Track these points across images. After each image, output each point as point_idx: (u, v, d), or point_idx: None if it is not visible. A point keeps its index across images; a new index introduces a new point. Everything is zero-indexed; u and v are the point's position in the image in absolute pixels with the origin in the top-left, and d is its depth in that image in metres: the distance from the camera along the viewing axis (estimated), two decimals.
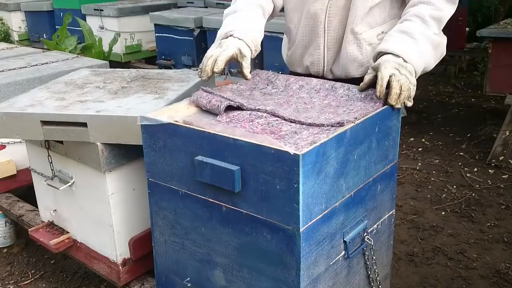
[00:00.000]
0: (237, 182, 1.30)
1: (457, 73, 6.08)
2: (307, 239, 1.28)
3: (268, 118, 1.43)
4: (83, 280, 2.47)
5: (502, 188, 3.30)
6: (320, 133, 1.32)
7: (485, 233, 2.79)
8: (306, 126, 1.38)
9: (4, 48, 3.31)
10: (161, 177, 1.51)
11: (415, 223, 2.93)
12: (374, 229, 1.58)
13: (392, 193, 1.65)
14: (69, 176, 1.90)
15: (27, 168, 2.27)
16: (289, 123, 1.41)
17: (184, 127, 1.40)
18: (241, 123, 1.41)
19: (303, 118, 1.42)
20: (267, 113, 1.45)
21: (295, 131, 1.35)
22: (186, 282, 1.57)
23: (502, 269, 2.48)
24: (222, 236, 1.42)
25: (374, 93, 1.50)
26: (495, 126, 4.20)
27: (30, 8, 6.69)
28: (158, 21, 5.17)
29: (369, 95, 1.55)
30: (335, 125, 1.36)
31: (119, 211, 1.82)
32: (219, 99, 1.52)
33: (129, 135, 1.64)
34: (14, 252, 2.72)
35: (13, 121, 1.76)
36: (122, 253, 1.88)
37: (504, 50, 4.06)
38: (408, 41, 1.56)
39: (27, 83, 2.48)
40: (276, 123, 1.41)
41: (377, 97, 1.48)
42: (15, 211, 2.50)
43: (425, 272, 2.49)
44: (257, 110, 1.47)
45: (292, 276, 1.30)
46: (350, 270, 1.51)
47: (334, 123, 1.36)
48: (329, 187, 1.31)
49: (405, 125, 4.23)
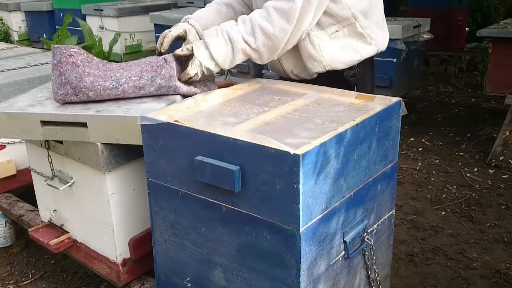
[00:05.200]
0: (237, 182, 1.30)
1: (457, 73, 6.08)
2: (307, 239, 1.28)
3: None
4: (83, 280, 2.47)
5: (502, 188, 3.29)
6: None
7: (485, 233, 2.79)
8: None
9: (4, 48, 3.32)
10: (161, 177, 1.51)
11: (415, 223, 2.93)
12: (374, 229, 1.58)
13: (392, 193, 1.65)
14: (69, 176, 1.90)
15: (27, 168, 2.27)
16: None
17: (184, 127, 1.40)
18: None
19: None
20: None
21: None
22: (186, 282, 1.58)
23: (502, 269, 2.48)
24: (222, 236, 1.42)
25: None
26: (495, 126, 4.19)
27: (30, 8, 6.69)
28: (158, 21, 5.17)
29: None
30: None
31: (119, 211, 1.81)
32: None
33: (129, 135, 1.64)
34: (14, 252, 2.72)
35: (13, 121, 1.76)
36: (122, 253, 1.88)
37: (504, 50, 4.07)
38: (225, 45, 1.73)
39: (27, 83, 2.49)
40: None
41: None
42: (15, 211, 2.50)
43: (425, 272, 2.48)
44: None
45: (292, 276, 1.30)
46: (350, 270, 1.51)
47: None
48: (329, 187, 1.31)
49: (405, 125, 4.24)
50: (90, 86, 1.70)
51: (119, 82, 1.71)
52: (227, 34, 1.64)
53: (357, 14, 1.71)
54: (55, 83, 1.72)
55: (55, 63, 1.71)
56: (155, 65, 1.73)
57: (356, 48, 1.77)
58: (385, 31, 1.86)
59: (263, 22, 1.61)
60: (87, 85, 1.70)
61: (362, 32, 1.75)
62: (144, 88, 1.73)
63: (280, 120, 1.48)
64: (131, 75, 1.73)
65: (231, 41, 1.64)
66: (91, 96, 1.72)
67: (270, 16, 1.60)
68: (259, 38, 1.62)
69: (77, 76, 1.69)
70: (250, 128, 1.41)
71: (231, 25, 1.67)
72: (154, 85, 1.72)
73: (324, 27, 1.72)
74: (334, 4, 1.68)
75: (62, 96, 1.73)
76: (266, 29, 1.61)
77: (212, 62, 1.67)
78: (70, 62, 1.69)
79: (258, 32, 1.62)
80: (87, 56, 1.74)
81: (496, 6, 6.42)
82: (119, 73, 1.74)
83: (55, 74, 1.72)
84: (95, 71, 1.72)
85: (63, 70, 1.70)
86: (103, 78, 1.71)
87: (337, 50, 1.75)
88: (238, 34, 1.63)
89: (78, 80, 1.69)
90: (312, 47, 1.74)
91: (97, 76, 1.71)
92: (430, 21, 4.54)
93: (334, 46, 1.74)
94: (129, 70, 1.75)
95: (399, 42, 4.12)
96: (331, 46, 1.74)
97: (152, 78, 1.72)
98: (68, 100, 1.74)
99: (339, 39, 1.74)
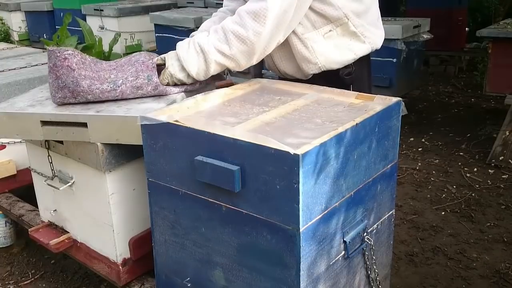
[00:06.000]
0: (237, 182, 1.30)
1: (457, 73, 6.08)
2: (307, 239, 1.28)
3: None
4: (83, 280, 2.47)
5: (502, 188, 3.30)
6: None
7: (485, 233, 2.79)
8: None
9: (4, 48, 3.32)
10: (161, 177, 1.51)
11: (415, 223, 2.93)
12: (374, 229, 1.58)
13: (392, 193, 1.65)
14: (69, 176, 1.90)
15: (27, 168, 2.27)
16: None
17: (184, 127, 1.40)
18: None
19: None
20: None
21: None
22: (186, 282, 1.58)
23: (502, 269, 2.48)
24: (222, 236, 1.42)
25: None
26: (495, 126, 4.19)
27: (30, 8, 6.70)
28: (158, 21, 5.18)
29: None
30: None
31: (119, 211, 1.82)
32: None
33: (129, 135, 1.64)
34: (14, 252, 2.72)
35: (13, 121, 1.76)
36: (122, 253, 1.88)
37: (504, 50, 4.07)
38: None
39: (27, 83, 2.49)
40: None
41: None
42: (15, 211, 2.50)
43: (425, 272, 2.49)
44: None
45: (292, 276, 1.30)
46: (350, 270, 1.51)
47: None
48: (329, 187, 1.31)
49: (405, 125, 4.23)
50: (88, 90, 1.70)
51: (116, 84, 1.71)
52: (198, 46, 1.65)
53: (349, 14, 1.71)
54: (53, 86, 1.72)
55: (51, 66, 1.71)
56: (150, 65, 1.74)
57: (350, 47, 1.76)
58: (380, 29, 1.85)
59: (236, 27, 1.60)
60: (84, 89, 1.70)
61: (355, 31, 1.74)
62: (142, 87, 1.73)
63: (280, 120, 1.48)
64: (127, 75, 1.73)
65: (203, 52, 1.64)
66: (90, 99, 1.72)
67: (242, 20, 1.59)
68: (233, 44, 1.61)
69: (73, 80, 1.69)
70: (250, 128, 1.41)
71: (202, 36, 1.67)
72: (152, 83, 1.73)
73: (318, 27, 1.72)
74: (325, 5, 1.68)
75: (60, 99, 1.73)
76: (239, 33, 1.59)
77: (183, 73, 1.70)
78: (65, 66, 1.68)
79: (231, 39, 1.60)
80: (81, 57, 1.73)
81: (496, 6, 6.43)
82: (113, 74, 1.73)
83: (52, 77, 1.71)
84: (90, 73, 1.72)
85: (59, 74, 1.69)
86: (99, 81, 1.71)
87: (331, 50, 1.75)
88: (209, 45, 1.63)
89: (75, 84, 1.69)
90: (306, 50, 1.74)
91: (93, 79, 1.71)
92: (430, 21, 4.54)
93: (328, 46, 1.74)
94: (123, 71, 1.75)
95: (399, 42, 4.12)
96: (325, 47, 1.74)
97: (148, 77, 1.72)
98: (67, 102, 1.74)
99: (332, 38, 1.74)
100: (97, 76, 1.72)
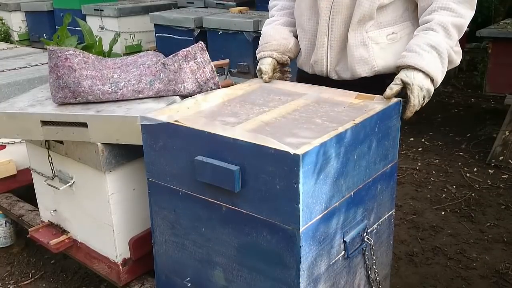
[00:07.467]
0: (237, 182, 1.30)
1: (457, 73, 6.07)
2: (307, 239, 1.28)
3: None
4: (83, 280, 2.47)
5: (502, 188, 3.29)
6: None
7: (485, 233, 2.79)
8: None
9: (4, 48, 3.32)
10: (161, 177, 1.51)
11: (415, 223, 2.93)
12: (374, 229, 1.58)
13: (392, 193, 1.65)
14: (69, 176, 1.90)
15: (27, 168, 2.27)
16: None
17: (184, 127, 1.40)
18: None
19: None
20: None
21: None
22: (186, 282, 1.58)
23: (502, 269, 2.48)
24: (222, 236, 1.42)
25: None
26: (495, 126, 4.19)
27: (30, 8, 6.68)
28: (158, 21, 5.17)
29: None
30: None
31: (119, 211, 1.82)
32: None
33: (129, 135, 1.64)
34: (14, 252, 2.72)
35: (13, 121, 1.76)
36: (122, 253, 1.88)
37: (504, 50, 4.07)
38: (438, 61, 1.59)
39: (27, 83, 2.49)
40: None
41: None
42: (15, 211, 2.50)
43: (425, 272, 2.49)
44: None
45: (292, 276, 1.30)
46: (350, 270, 1.51)
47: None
48: (329, 187, 1.31)
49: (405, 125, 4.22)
50: (88, 91, 1.70)
51: (118, 86, 1.71)
52: (432, 48, 1.59)
53: (413, 20, 1.74)
54: (53, 86, 1.72)
55: (52, 66, 1.71)
56: (154, 70, 1.74)
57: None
58: None
59: (456, 20, 1.61)
60: (85, 90, 1.70)
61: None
62: (143, 92, 1.73)
63: (280, 120, 1.48)
64: (130, 78, 1.73)
65: (437, 53, 1.59)
66: (90, 99, 1.72)
67: (457, 11, 1.61)
68: (454, 37, 1.62)
69: (74, 80, 1.69)
70: (250, 128, 1.41)
71: (434, 38, 1.60)
72: (153, 89, 1.74)
73: (382, 26, 1.72)
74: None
75: (61, 99, 1.73)
76: (461, 24, 1.62)
77: (427, 81, 1.59)
78: (66, 66, 1.68)
79: (453, 33, 1.61)
80: (83, 56, 1.73)
81: (496, 6, 6.42)
82: (116, 74, 1.73)
83: (53, 77, 1.71)
84: (92, 72, 1.72)
85: (60, 74, 1.69)
86: (101, 81, 1.71)
87: (390, 55, 1.72)
88: (445, 44, 1.60)
89: (76, 85, 1.69)
90: (365, 50, 1.72)
91: (95, 78, 1.71)
92: None
93: (389, 50, 1.73)
94: (127, 72, 1.75)
95: None
96: (385, 51, 1.72)
97: (150, 82, 1.73)
98: (67, 102, 1.74)
99: (395, 42, 1.73)
100: (100, 75, 1.72)
